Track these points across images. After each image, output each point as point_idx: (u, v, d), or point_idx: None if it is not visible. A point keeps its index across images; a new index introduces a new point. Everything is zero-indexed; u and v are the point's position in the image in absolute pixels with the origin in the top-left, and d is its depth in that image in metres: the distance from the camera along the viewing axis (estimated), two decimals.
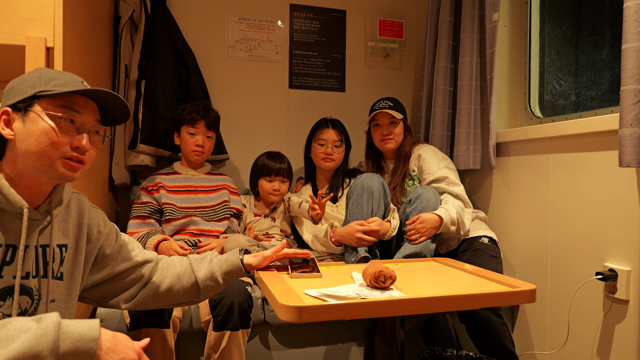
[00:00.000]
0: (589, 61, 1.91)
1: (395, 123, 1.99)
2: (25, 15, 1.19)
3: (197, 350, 1.60)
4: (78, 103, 0.91)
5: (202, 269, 1.18)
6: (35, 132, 0.86)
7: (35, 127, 0.87)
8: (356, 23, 2.55)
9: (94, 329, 0.78)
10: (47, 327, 0.75)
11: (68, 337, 0.76)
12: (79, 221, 1.01)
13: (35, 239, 0.91)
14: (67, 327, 0.77)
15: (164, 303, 1.16)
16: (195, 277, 1.16)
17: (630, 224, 1.49)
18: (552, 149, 1.81)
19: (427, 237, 1.69)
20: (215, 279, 1.17)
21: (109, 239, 1.08)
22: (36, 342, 0.73)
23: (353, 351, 1.79)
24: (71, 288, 0.99)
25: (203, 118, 1.90)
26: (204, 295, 1.18)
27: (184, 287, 1.16)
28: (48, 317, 0.77)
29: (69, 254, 0.99)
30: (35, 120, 0.87)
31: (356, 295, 1.06)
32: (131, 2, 2.11)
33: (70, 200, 1.01)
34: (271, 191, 2.02)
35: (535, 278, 1.86)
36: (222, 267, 1.19)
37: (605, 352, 1.56)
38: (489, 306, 1.58)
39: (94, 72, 1.71)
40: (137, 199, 1.88)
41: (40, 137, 0.86)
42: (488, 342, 1.63)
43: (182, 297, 1.17)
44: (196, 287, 1.17)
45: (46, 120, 0.87)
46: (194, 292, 1.17)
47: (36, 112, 0.87)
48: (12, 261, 0.87)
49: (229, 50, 2.36)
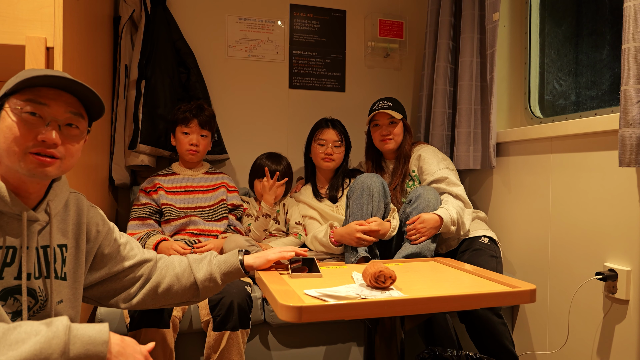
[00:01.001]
0: (589, 61, 1.91)
1: (394, 123, 1.99)
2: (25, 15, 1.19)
3: (197, 350, 1.60)
4: (47, 95, 0.87)
5: (202, 269, 1.17)
6: (3, 130, 0.85)
7: (3, 124, 0.86)
8: (356, 23, 2.55)
9: (103, 333, 0.79)
10: (57, 330, 0.76)
11: (79, 340, 0.77)
12: (78, 221, 1.01)
13: (35, 239, 0.91)
14: (77, 330, 0.78)
15: (162, 303, 1.16)
16: (194, 277, 1.16)
17: (630, 224, 1.49)
18: (552, 149, 1.80)
19: (427, 237, 1.69)
20: (214, 280, 1.17)
21: (107, 238, 1.08)
22: (47, 345, 0.74)
23: (353, 351, 1.79)
24: (75, 288, 1.00)
25: (196, 117, 1.90)
26: (202, 295, 1.18)
27: (183, 287, 1.15)
28: (58, 320, 0.78)
29: (70, 254, 0.99)
30: (4, 118, 0.86)
31: (356, 295, 1.06)
32: (131, 2, 2.11)
33: (69, 200, 1.00)
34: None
35: (535, 278, 1.86)
36: (222, 268, 1.18)
37: (605, 352, 1.56)
38: (489, 306, 1.58)
39: (94, 72, 1.71)
40: (136, 201, 1.89)
41: (6, 133, 0.85)
42: (488, 342, 1.63)
43: (181, 297, 1.17)
44: (195, 288, 1.16)
45: (10, 116, 0.85)
46: (193, 292, 1.17)
47: (5, 110, 0.86)
48: (13, 262, 0.87)
49: (229, 50, 2.36)
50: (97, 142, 1.83)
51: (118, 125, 2.07)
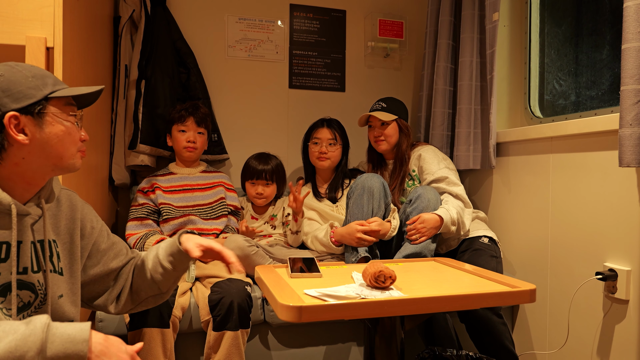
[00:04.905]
0: (589, 61, 1.91)
1: (386, 124, 1.99)
2: (25, 15, 1.19)
3: (197, 350, 1.60)
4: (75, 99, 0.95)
5: (150, 257, 1.13)
6: (58, 134, 0.90)
7: (56, 128, 0.90)
8: (356, 23, 2.55)
9: (84, 331, 0.77)
10: (35, 327, 0.75)
11: (57, 338, 0.75)
12: (71, 216, 1.01)
13: (28, 234, 0.91)
14: (56, 329, 0.76)
15: (137, 300, 1.13)
16: (149, 267, 1.13)
17: (630, 224, 1.49)
18: (552, 149, 1.81)
19: (427, 237, 1.69)
20: (161, 264, 1.11)
21: (102, 234, 1.08)
22: (23, 342, 0.72)
23: (353, 351, 1.79)
24: (72, 283, 1.00)
25: (192, 114, 1.92)
26: (162, 285, 1.13)
27: (147, 280, 1.12)
28: (37, 318, 0.77)
29: (65, 250, 0.99)
30: (54, 122, 0.90)
31: (356, 295, 1.06)
32: (131, 2, 2.11)
33: (60, 196, 1.01)
34: (254, 194, 1.99)
35: (535, 278, 1.86)
36: (166, 249, 1.13)
37: (605, 352, 1.56)
38: (489, 306, 1.58)
39: (94, 72, 1.71)
40: (134, 201, 1.90)
41: (63, 138, 0.91)
42: (488, 342, 1.63)
43: (148, 291, 1.13)
44: (153, 279, 1.12)
45: (63, 122, 0.91)
46: (153, 283, 1.13)
47: (53, 114, 0.89)
48: (8, 258, 0.87)
49: (229, 50, 2.36)
50: (97, 142, 1.83)
51: (118, 125, 2.07)
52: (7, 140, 0.86)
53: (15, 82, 0.86)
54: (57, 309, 0.94)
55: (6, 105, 0.85)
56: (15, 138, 0.85)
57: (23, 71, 0.88)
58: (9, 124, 0.85)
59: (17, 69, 0.88)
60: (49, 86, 0.89)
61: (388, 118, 1.97)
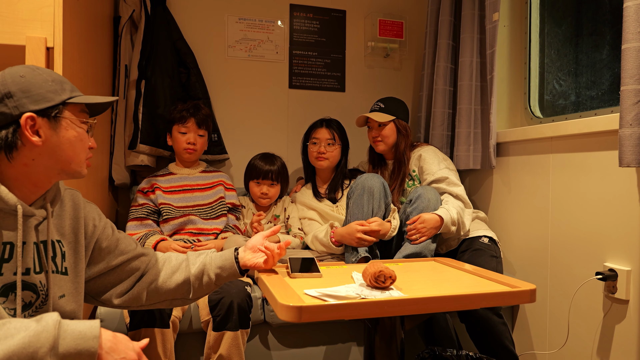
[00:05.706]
0: (589, 61, 1.91)
1: (383, 125, 1.99)
2: (25, 15, 1.19)
3: (197, 350, 1.60)
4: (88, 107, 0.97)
5: (197, 263, 1.16)
6: (71, 139, 0.92)
7: (70, 133, 0.91)
8: (356, 23, 2.55)
9: (94, 328, 0.79)
10: (47, 324, 0.76)
11: (69, 335, 0.76)
12: (75, 215, 1.02)
13: (32, 234, 0.91)
14: (67, 325, 0.77)
15: (156, 299, 1.14)
16: (189, 271, 1.14)
17: (630, 224, 1.49)
18: (552, 149, 1.81)
19: (427, 237, 1.69)
20: (208, 274, 1.14)
21: (105, 232, 1.08)
22: (36, 339, 0.74)
23: (353, 351, 1.79)
24: (77, 282, 1.00)
25: (193, 116, 1.91)
26: (195, 294, 1.15)
27: (176, 283, 1.13)
28: (48, 315, 0.78)
29: (70, 249, 0.99)
30: (68, 127, 0.91)
31: (356, 295, 1.06)
32: (131, 2, 2.11)
33: (64, 196, 1.02)
34: (259, 194, 1.99)
35: (535, 278, 1.86)
36: (216, 261, 1.16)
37: (605, 352, 1.56)
38: (489, 306, 1.58)
39: (94, 72, 1.71)
40: (134, 202, 1.90)
41: (75, 143, 0.92)
42: (488, 342, 1.63)
43: (174, 294, 1.14)
44: (187, 283, 1.14)
45: (77, 128, 0.93)
46: (186, 288, 1.14)
47: (68, 119, 0.91)
48: (11, 258, 0.88)
49: (229, 50, 2.36)
50: (97, 142, 1.82)
51: (118, 125, 2.07)
52: (20, 140, 0.87)
53: (35, 85, 0.88)
54: (57, 309, 0.95)
55: (25, 106, 0.86)
56: (29, 138, 0.87)
57: (44, 75, 0.90)
58: (25, 124, 0.86)
59: (38, 72, 0.90)
60: (67, 92, 0.91)
61: (384, 119, 1.97)
